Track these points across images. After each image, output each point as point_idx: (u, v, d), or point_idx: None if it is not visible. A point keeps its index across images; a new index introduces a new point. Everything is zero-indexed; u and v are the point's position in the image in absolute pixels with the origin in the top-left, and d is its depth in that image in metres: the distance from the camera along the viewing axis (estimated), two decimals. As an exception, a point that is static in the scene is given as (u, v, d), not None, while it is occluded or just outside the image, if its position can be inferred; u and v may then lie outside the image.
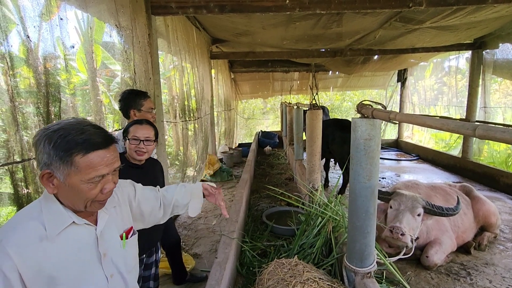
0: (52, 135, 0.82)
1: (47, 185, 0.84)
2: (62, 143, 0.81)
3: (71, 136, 0.82)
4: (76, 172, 0.82)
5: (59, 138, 0.81)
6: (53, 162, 0.81)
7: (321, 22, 4.08)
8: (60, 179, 0.83)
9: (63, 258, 0.86)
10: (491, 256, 2.86)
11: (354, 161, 1.69)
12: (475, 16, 3.73)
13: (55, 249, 0.85)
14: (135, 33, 2.69)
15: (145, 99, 2.03)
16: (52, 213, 0.86)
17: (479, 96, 5.78)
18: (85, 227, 0.92)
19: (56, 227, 0.85)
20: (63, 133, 0.82)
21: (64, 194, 0.87)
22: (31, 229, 0.83)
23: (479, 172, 5.51)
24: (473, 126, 0.97)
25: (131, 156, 1.68)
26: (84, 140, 0.83)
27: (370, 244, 1.75)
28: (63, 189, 0.85)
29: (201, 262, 2.87)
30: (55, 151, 0.81)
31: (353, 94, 15.48)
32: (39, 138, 0.83)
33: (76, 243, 0.89)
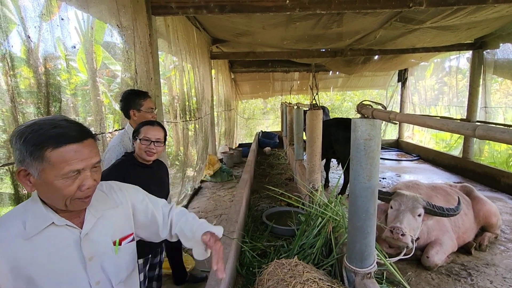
0: (24, 131, 0.78)
1: (24, 183, 0.81)
2: (33, 138, 0.77)
3: (43, 130, 0.78)
4: (50, 168, 0.78)
5: (30, 133, 0.78)
6: (25, 158, 0.78)
7: (321, 22, 4.08)
8: (35, 176, 0.79)
9: (41, 259, 0.83)
10: (492, 257, 2.85)
11: (354, 161, 1.69)
12: (475, 16, 3.73)
13: (33, 249, 0.82)
14: (136, 33, 2.69)
15: (144, 99, 2.03)
16: (33, 213, 0.84)
17: (479, 96, 5.77)
18: (67, 228, 0.88)
19: (35, 227, 0.83)
20: (34, 127, 0.79)
21: (42, 192, 0.83)
22: (12, 227, 0.82)
23: (480, 172, 5.50)
24: (473, 126, 0.97)
25: (140, 156, 1.69)
26: (56, 133, 0.79)
27: (370, 245, 1.75)
28: (40, 187, 0.82)
29: (201, 262, 2.87)
30: (26, 146, 0.77)
31: (353, 94, 15.48)
32: (12, 134, 0.80)
33: (54, 244, 0.86)
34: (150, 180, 1.71)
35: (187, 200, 4.57)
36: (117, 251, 0.97)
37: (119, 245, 0.98)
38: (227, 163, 6.80)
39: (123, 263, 1.00)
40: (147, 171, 1.71)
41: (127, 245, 1.02)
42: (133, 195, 1.10)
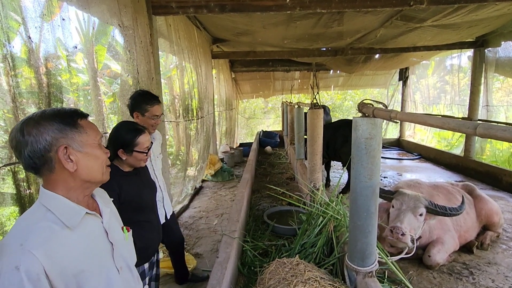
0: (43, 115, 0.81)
1: (67, 162, 0.83)
2: (63, 114, 0.83)
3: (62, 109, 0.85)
4: (88, 137, 0.87)
5: (56, 114, 0.83)
6: (67, 133, 0.83)
7: (322, 21, 4.07)
8: (78, 149, 0.84)
9: (85, 249, 0.85)
10: (494, 256, 2.85)
11: (355, 160, 1.69)
12: (476, 14, 3.71)
13: (77, 241, 0.83)
14: (137, 32, 2.69)
15: (151, 106, 1.98)
16: (63, 207, 0.83)
17: (481, 94, 5.75)
18: (95, 218, 0.91)
19: (74, 218, 0.84)
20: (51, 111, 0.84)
21: (85, 165, 0.87)
22: (45, 229, 0.79)
23: (482, 171, 5.49)
24: (474, 124, 0.97)
25: (133, 165, 1.63)
26: (74, 110, 0.88)
27: (372, 244, 1.75)
28: (82, 161, 0.86)
29: (203, 262, 2.88)
30: (62, 121, 0.82)
31: (354, 93, 15.45)
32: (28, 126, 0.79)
33: (92, 233, 0.89)
34: (142, 186, 1.70)
35: (188, 199, 4.57)
36: (127, 238, 1.03)
37: (128, 231, 1.05)
38: (228, 163, 6.80)
39: (132, 248, 1.07)
40: (136, 179, 1.67)
41: (130, 233, 1.08)
42: None
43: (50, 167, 0.82)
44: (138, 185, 1.66)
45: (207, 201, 4.65)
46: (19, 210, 1.46)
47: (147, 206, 1.72)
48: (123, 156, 1.57)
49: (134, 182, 1.64)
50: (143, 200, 1.68)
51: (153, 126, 2.04)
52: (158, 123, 2.06)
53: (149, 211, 1.74)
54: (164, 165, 3.13)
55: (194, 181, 4.95)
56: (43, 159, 0.81)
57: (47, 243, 0.77)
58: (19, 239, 0.76)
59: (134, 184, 1.63)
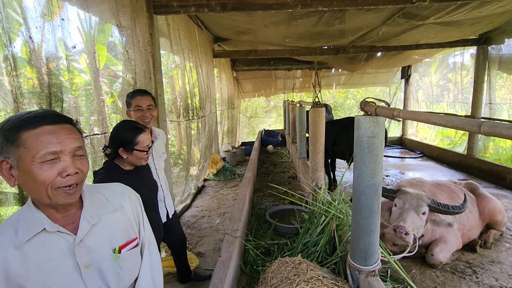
0: (1, 123, 0.78)
1: (7, 177, 0.78)
2: (8, 124, 0.76)
3: (18, 116, 0.77)
4: (26, 152, 0.75)
5: (6, 123, 0.76)
6: (4, 147, 0.75)
7: (323, 19, 4.05)
8: (15, 165, 0.76)
9: (32, 268, 0.80)
10: (497, 254, 2.83)
11: (357, 159, 1.68)
12: (480, 11, 3.68)
13: (24, 258, 0.79)
14: (135, 33, 2.69)
15: (133, 98, 1.99)
16: (26, 218, 0.81)
17: (484, 92, 5.71)
18: (59, 235, 0.83)
19: (26, 234, 0.79)
20: (10, 117, 0.78)
21: (24, 185, 0.79)
22: (4, 235, 0.80)
23: (485, 170, 5.46)
24: (478, 122, 0.96)
25: (134, 163, 1.64)
26: (32, 116, 0.77)
27: (374, 242, 1.74)
28: (21, 179, 0.78)
29: (205, 261, 2.88)
30: (3, 133, 0.75)
31: (356, 91, 15.38)
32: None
33: (47, 252, 0.81)
34: (142, 185, 1.70)
35: (191, 199, 4.58)
36: (116, 259, 0.91)
37: (119, 253, 0.92)
38: (230, 162, 6.80)
39: (125, 270, 0.94)
40: (136, 177, 1.67)
41: (129, 252, 0.96)
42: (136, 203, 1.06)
43: None
44: (139, 184, 1.66)
45: (209, 200, 4.65)
46: (21, 210, 1.46)
47: (147, 205, 1.72)
48: (124, 155, 1.58)
49: (134, 181, 1.64)
50: (144, 199, 1.68)
51: (142, 119, 1.98)
52: (148, 115, 2.00)
53: (150, 210, 1.75)
54: (166, 164, 3.13)
55: (196, 180, 4.95)
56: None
57: (1, 250, 0.78)
58: None
59: (135, 183, 1.63)
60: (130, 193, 1.06)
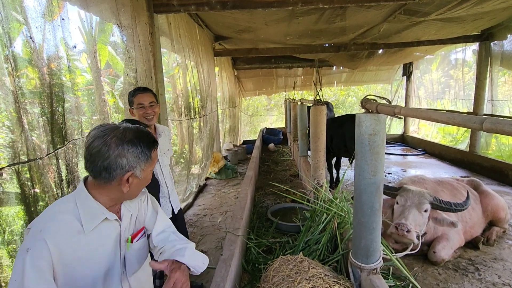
0: (129, 138, 0.90)
1: (125, 185, 0.91)
2: (145, 144, 0.92)
3: (145, 137, 0.94)
4: (150, 165, 0.96)
5: (139, 141, 0.91)
6: (140, 163, 0.92)
7: (324, 17, 4.04)
8: (138, 176, 0.93)
9: (93, 251, 0.90)
10: (500, 251, 2.82)
11: (358, 157, 1.68)
12: (482, 6, 3.65)
13: (88, 243, 0.89)
14: (135, 32, 2.69)
15: (135, 96, 2.00)
16: (87, 208, 0.90)
17: (486, 89, 5.68)
18: (113, 223, 0.97)
19: (92, 222, 0.90)
20: (135, 134, 0.92)
21: (134, 189, 0.95)
22: (67, 222, 0.87)
23: (487, 166, 5.43)
24: (480, 119, 0.95)
25: None
26: (153, 139, 0.97)
27: (376, 240, 1.74)
28: (135, 185, 0.95)
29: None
30: (142, 151, 0.92)
31: (357, 89, 15.34)
32: (113, 142, 0.87)
33: (104, 237, 0.94)
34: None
35: (192, 197, 4.59)
36: (129, 248, 1.03)
37: (131, 242, 1.04)
38: (231, 160, 6.81)
39: (134, 258, 1.07)
40: None
41: (139, 242, 1.08)
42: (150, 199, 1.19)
43: (108, 180, 0.90)
44: None
45: (211, 199, 4.66)
46: (24, 209, 1.47)
47: None
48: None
49: None
50: None
51: (145, 117, 1.99)
52: (150, 112, 2.00)
53: None
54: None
55: (198, 179, 4.96)
56: (109, 174, 0.89)
57: (61, 235, 0.84)
58: (41, 224, 0.85)
59: None
60: None
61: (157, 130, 2.15)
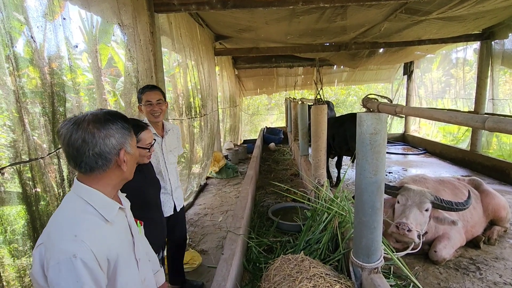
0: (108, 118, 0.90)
1: (123, 163, 0.92)
2: (123, 118, 0.94)
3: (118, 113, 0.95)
4: (133, 138, 0.98)
5: (117, 117, 0.92)
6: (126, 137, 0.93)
7: (325, 16, 4.03)
8: (129, 151, 0.94)
9: (119, 241, 0.93)
10: (501, 251, 2.82)
11: (359, 156, 1.68)
12: (483, 5, 3.64)
13: (114, 233, 0.91)
14: (136, 31, 2.69)
15: (143, 93, 2.06)
16: (101, 202, 0.90)
17: (487, 88, 5.67)
18: (122, 212, 1.00)
19: (111, 212, 0.92)
20: (112, 113, 0.93)
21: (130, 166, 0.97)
22: (90, 221, 0.86)
23: (488, 165, 5.42)
24: (482, 118, 0.95)
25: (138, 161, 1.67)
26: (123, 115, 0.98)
27: (377, 240, 1.74)
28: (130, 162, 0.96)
29: (208, 258, 2.89)
30: (123, 125, 0.92)
31: (358, 88, 15.31)
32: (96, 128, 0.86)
33: (122, 226, 0.98)
34: (145, 183, 1.70)
35: (193, 196, 4.59)
36: (141, 231, 1.10)
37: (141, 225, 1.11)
38: (232, 160, 6.81)
39: (146, 241, 1.15)
40: (140, 176, 1.65)
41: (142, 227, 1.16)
42: None
43: (105, 167, 0.89)
44: (141, 182, 1.67)
45: (211, 198, 4.66)
46: (26, 209, 1.47)
47: (149, 203, 1.73)
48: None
49: (136, 178, 1.64)
50: (146, 197, 1.69)
51: (152, 113, 2.05)
52: (157, 110, 2.05)
53: (152, 208, 1.75)
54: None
55: (198, 178, 4.97)
56: (105, 160, 0.88)
57: (94, 233, 0.85)
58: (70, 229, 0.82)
59: (137, 181, 1.64)
60: None
61: (165, 128, 2.17)
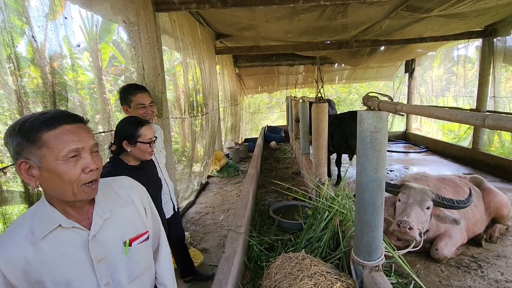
0: (15, 124, 0.78)
1: (27, 177, 0.79)
2: (26, 126, 0.77)
3: (34, 117, 0.78)
4: (50, 152, 0.77)
5: (22, 124, 0.77)
6: (25, 147, 0.77)
7: (325, 14, 4.02)
8: (37, 165, 0.78)
9: (49, 263, 0.82)
10: (503, 248, 2.82)
11: (360, 154, 1.67)
12: (485, 2, 3.61)
13: (40, 253, 0.81)
14: (142, 29, 2.69)
15: (134, 95, 1.94)
16: (41, 215, 0.83)
17: (489, 85, 5.64)
18: (74, 230, 0.86)
19: (42, 231, 0.82)
20: (25, 118, 0.79)
21: (48, 184, 0.81)
22: (21, 232, 0.82)
23: (490, 163, 5.41)
24: (482, 116, 0.95)
25: (139, 157, 1.66)
26: (49, 117, 0.79)
27: (378, 238, 1.74)
28: (45, 178, 0.79)
29: (209, 257, 2.90)
30: (21, 134, 0.76)
31: (359, 86, 15.28)
32: (6, 132, 0.79)
33: (61, 247, 0.84)
34: (147, 183, 1.71)
35: (194, 195, 4.60)
36: (127, 252, 0.94)
37: (129, 246, 0.95)
38: (233, 158, 6.82)
39: (135, 263, 0.97)
40: (141, 174, 1.68)
41: (139, 245, 0.98)
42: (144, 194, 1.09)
43: None
44: (144, 180, 1.67)
45: (213, 197, 4.68)
46: (27, 208, 1.49)
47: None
48: (128, 148, 1.61)
49: (138, 177, 1.65)
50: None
51: (145, 116, 1.96)
52: (150, 112, 1.99)
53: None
54: (169, 161, 3.15)
55: (200, 177, 4.97)
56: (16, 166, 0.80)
57: (11, 248, 0.80)
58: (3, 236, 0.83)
59: (140, 179, 1.64)
60: (138, 186, 1.09)
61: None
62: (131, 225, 0.98)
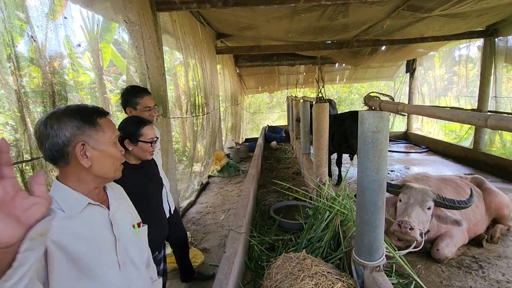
0: (65, 111, 0.87)
1: (82, 158, 0.88)
2: (83, 112, 0.88)
3: (84, 107, 0.91)
4: (103, 135, 0.91)
5: (77, 111, 0.88)
6: (85, 130, 0.87)
7: (326, 13, 4.01)
8: (94, 146, 0.89)
9: (81, 236, 0.88)
10: (504, 249, 2.81)
11: (361, 154, 1.67)
12: (487, 2, 3.60)
13: (74, 226, 0.87)
14: (144, 28, 2.68)
15: (141, 97, 1.95)
16: (66, 197, 0.88)
17: (490, 85, 5.62)
18: (99, 209, 0.95)
19: (75, 208, 0.88)
20: (74, 107, 0.89)
21: (98, 162, 0.91)
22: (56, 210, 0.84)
23: (491, 164, 5.39)
24: (484, 116, 0.94)
25: (140, 157, 1.66)
26: (95, 108, 0.93)
27: (379, 238, 1.73)
28: (96, 158, 0.90)
29: (210, 257, 2.90)
30: (82, 119, 0.87)
31: (360, 86, 15.25)
32: (51, 120, 0.84)
33: (94, 222, 0.92)
34: (148, 181, 1.71)
35: (195, 195, 4.60)
36: (137, 234, 1.05)
37: (138, 227, 1.06)
38: (234, 158, 6.81)
39: (143, 245, 1.09)
40: (142, 172, 1.69)
41: (143, 229, 1.10)
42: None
43: (66, 160, 0.87)
44: (143, 179, 1.67)
45: (213, 197, 4.67)
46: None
47: (151, 201, 1.73)
48: (129, 146, 1.61)
49: (139, 175, 1.65)
50: (148, 195, 1.70)
51: (149, 119, 1.96)
52: (153, 115, 2.02)
53: (154, 206, 1.76)
54: (170, 161, 3.15)
55: (200, 177, 4.97)
56: (60, 153, 0.86)
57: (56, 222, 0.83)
58: None
59: (139, 178, 1.65)
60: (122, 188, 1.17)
61: None
62: (132, 213, 1.11)
